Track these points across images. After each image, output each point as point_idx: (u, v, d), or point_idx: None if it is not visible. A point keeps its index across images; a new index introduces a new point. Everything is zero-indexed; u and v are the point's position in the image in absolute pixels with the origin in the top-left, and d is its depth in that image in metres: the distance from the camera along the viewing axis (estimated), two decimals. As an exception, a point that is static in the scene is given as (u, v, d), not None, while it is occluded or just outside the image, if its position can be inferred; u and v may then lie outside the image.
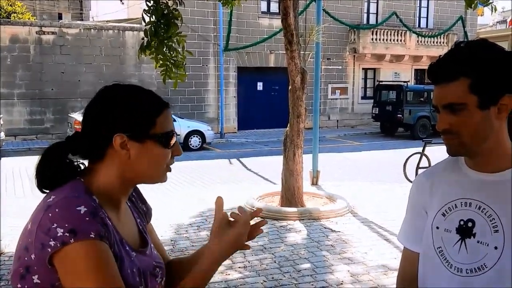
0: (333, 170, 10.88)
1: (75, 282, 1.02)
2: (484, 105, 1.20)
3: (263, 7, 19.60)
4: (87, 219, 1.03)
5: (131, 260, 1.15)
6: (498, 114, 1.22)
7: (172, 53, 5.70)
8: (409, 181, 9.02)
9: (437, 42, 22.15)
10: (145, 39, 5.62)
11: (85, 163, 1.22)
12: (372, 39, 20.97)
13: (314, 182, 9.00)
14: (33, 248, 1.04)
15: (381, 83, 19.90)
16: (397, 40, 21.50)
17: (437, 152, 4.16)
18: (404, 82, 18.80)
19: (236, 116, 19.60)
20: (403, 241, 1.46)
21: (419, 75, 23.47)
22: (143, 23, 6.17)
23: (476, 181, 1.29)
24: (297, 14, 6.99)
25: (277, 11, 17.11)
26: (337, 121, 21.75)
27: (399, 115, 17.84)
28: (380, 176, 10.40)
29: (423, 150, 9.77)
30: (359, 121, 22.00)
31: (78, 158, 1.21)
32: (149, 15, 5.61)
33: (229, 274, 4.79)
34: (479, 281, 1.23)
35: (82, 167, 1.21)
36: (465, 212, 1.28)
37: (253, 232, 1.28)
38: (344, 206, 7.17)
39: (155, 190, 8.11)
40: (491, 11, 6.44)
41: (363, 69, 22.31)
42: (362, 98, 22.27)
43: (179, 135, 14.00)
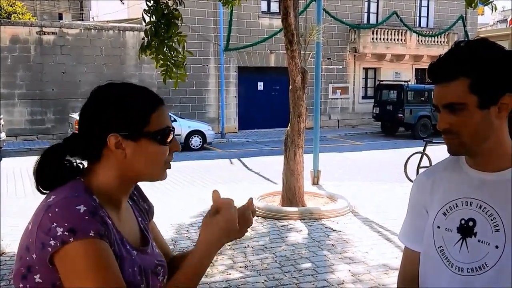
0: (334, 169, 10.87)
1: (75, 281, 1.02)
2: (484, 105, 1.20)
3: (264, 7, 19.59)
4: (87, 218, 1.04)
5: (132, 259, 1.15)
6: (498, 113, 1.22)
7: (172, 53, 5.69)
8: (410, 180, 9.01)
9: (437, 42, 22.13)
10: (145, 39, 5.61)
11: (85, 163, 1.22)
12: (373, 38, 20.95)
13: (315, 182, 9.00)
14: (34, 248, 1.04)
15: (381, 82, 19.89)
16: (398, 40, 21.49)
17: (438, 151, 4.16)
18: (405, 81, 18.78)
19: (237, 116, 19.60)
20: (404, 240, 1.46)
21: (419, 74, 23.45)
22: (143, 23, 6.17)
23: (477, 180, 1.29)
24: (297, 14, 6.99)
25: (278, 10, 17.09)
26: (338, 120, 21.74)
27: (399, 115, 17.82)
28: (381, 175, 10.39)
29: (424, 150, 9.76)
30: (359, 120, 21.99)
31: (77, 159, 1.21)
32: (149, 15, 5.60)
33: (230, 274, 4.80)
34: (480, 280, 1.23)
35: (82, 167, 1.21)
36: (466, 211, 1.28)
37: (247, 221, 1.26)
38: (345, 206, 7.16)
39: (156, 190, 8.12)
40: (491, 10, 6.43)
41: (363, 68, 22.30)
42: (363, 98, 22.27)
43: (179, 135, 14.06)
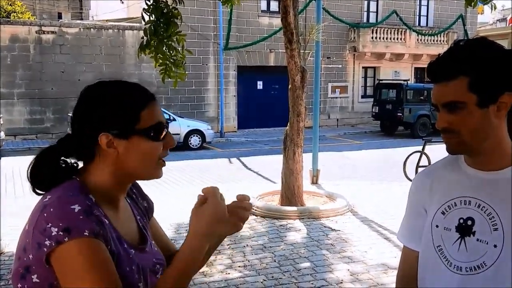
0: (333, 169, 10.88)
1: (71, 281, 1.02)
2: (483, 104, 1.20)
3: (263, 6, 19.59)
4: (81, 217, 1.04)
5: (129, 257, 1.15)
6: (498, 112, 1.21)
7: (171, 52, 5.68)
8: (409, 179, 9.01)
9: (437, 41, 22.13)
10: (144, 38, 5.61)
11: (80, 163, 1.22)
12: (372, 37, 20.95)
13: (314, 181, 9.00)
14: (30, 248, 1.05)
15: (381, 81, 19.89)
16: (397, 39, 21.49)
17: (437, 150, 4.15)
18: (404, 80, 18.79)
19: (236, 115, 19.60)
20: (403, 239, 1.46)
21: (419, 73, 23.45)
22: (142, 22, 6.16)
23: (475, 180, 1.29)
24: (297, 13, 6.99)
25: (277, 10, 17.09)
26: (337, 120, 21.75)
27: (399, 114, 17.83)
28: (380, 175, 10.40)
29: (423, 149, 9.76)
30: (359, 120, 22.00)
31: (73, 159, 1.21)
32: (148, 14, 5.60)
33: (229, 273, 4.80)
34: (478, 279, 1.23)
35: (78, 167, 1.21)
36: (464, 210, 1.28)
37: (241, 213, 1.19)
38: (344, 205, 7.17)
39: (155, 189, 8.12)
40: (491, 9, 6.44)
41: (363, 67, 22.31)
42: (362, 97, 22.27)
43: (178, 134, 14.06)
